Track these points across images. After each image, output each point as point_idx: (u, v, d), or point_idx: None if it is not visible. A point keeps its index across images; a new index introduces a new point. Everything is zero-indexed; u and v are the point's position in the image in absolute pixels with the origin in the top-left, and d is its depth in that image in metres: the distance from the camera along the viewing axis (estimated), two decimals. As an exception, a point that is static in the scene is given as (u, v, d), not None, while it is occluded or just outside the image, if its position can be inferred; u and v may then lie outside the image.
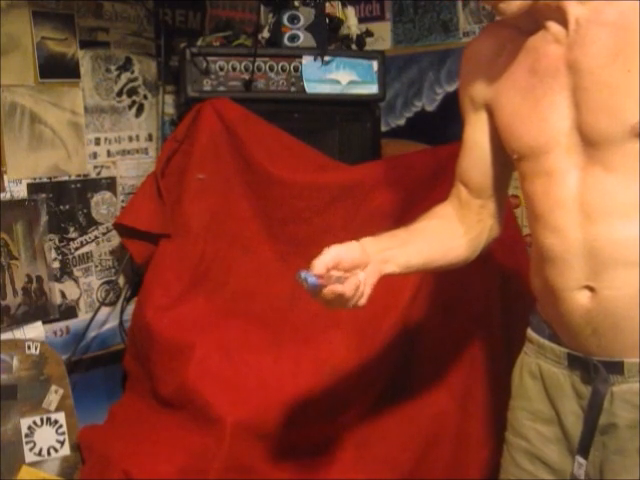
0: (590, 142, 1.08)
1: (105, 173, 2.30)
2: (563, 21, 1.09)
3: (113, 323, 2.33)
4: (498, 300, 1.97)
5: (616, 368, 1.13)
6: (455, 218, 1.36)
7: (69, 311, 2.23)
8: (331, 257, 1.15)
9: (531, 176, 1.17)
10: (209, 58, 2.09)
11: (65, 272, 2.22)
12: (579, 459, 1.18)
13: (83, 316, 2.26)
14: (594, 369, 1.15)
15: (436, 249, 1.33)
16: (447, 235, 1.34)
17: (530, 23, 1.14)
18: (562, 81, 1.09)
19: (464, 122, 1.33)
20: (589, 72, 1.06)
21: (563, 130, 1.10)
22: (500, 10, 1.08)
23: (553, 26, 1.11)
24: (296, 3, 2.16)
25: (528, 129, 1.15)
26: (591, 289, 1.12)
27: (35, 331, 2.11)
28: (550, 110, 1.11)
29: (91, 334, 2.27)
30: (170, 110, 2.40)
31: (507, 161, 1.28)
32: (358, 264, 1.17)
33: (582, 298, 1.13)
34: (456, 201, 1.37)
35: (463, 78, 1.30)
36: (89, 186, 2.26)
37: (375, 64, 2.21)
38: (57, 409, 2.05)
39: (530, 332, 1.29)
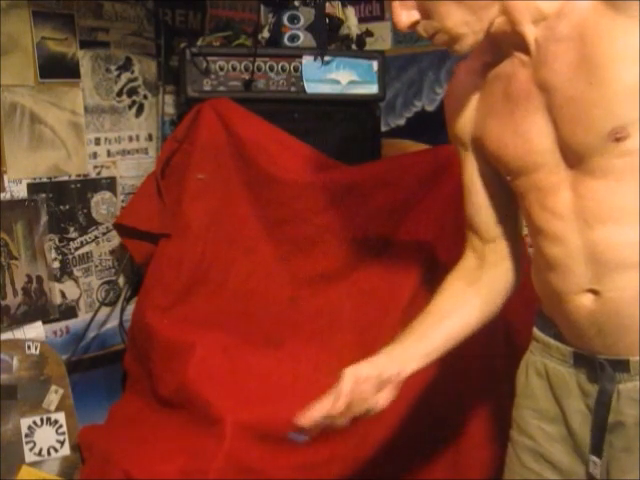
0: (573, 155, 1.10)
1: (105, 173, 2.30)
2: (524, 45, 1.12)
3: (113, 323, 2.33)
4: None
5: (622, 366, 1.14)
6: (468, 288, 1.36)
7: (69, 311, 2.23)
8: (319, 414, 1.25)
9: (526, 193, 1.19)
10: (209, 58, 2.09)
11: (65, 272, 2.22)
12: (593, 458, 1.18)
13: (83, 316, 2.26)
14: (600, 367, 1.15)
15: (455, 330, 1.35)
16: (463, 312, 1.35)
17: (496, 54, 1.18)
18: (536, 101, 1.12)
19: (461, 167, 1.34)
20: (557, 89, 1.08)
21: (547, 148, 1.12)
22: (455, 51, 1.13)
23: (517, 51, 1.13)
24: (296, 3, 2.16)
25: (514, 152, 1.17)
26: (595, 292, 1.12)
27: (35, 331, 2.11)
28: (531, 131, 1.13)
29: (91, 334, 2.27)
30: (170, 110, 2.40)
31: (509, 194, 1.29)
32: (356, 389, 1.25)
33: (586, 301, 1.14)
34: (471, 257, 1.37)
35: (448, 123, 1.33)
36: (89, 186, 2.26)
37: (375, 64, 2.21)
38: (57, 409, 2.05)
39: (536, 331, 1.30)
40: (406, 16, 1.09)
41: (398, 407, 1.90)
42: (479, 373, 1.93)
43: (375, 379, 1.25)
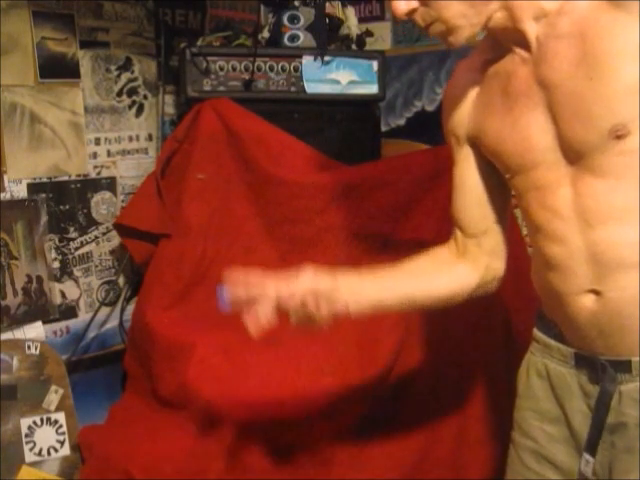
0: (573, 152, 1.10)
1: (105, 173, 2.30)
2: (525, 41, 1.12)
3: (113, 323, 2.33)
4: (498, 301, 1.96)
5: (623, 367, 1.13)
6: (448, 259, 1.37)
7: (69, 311, 2.24)
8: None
9: (525, 191, 1.19)
10: (209, 58, 2.09)
11: (65, 272, 2.22)
12: (586, 456, 1.18)
13: (83, 316, 2.26)
14: (601, 368, 1.15)
15: (419, 285, 1.34)
16: (435, 271, 1.36)
17: (497, 50, 1.18)
18: (536, 98, 1.12)
19: (453, 163, 1.35)
20: (557, 85, 1.09)
21: (546, 144, 1.13)
22: (449, 43, 1.14)
23: (517, 48, 1.14)
24: (296, 3, 2.16)
25: (513, 149, 1.17)
26: (596, 292, 1.12)
27: (35, 331, 2.11)
28: (530, 128, 1.14)
29: (91, 334, 2.27)
30: (170, 110, 2.40)
31: (499, 192, 1.30)
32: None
33: (587, 301, 1.13)
34: (453, 245, 1.38)
35: (445, 120, 1.33)
36: (89, 186, 2.26)
37: (375, 64, 2.21)
38: (57, 409, 2.05)
39: (536, 332, 1.29)
40: (405, 4, 1.10)
41: (397, 407, 1.91)
42: (479, 373, 1.94)
43: (326, 298, 1.24)
